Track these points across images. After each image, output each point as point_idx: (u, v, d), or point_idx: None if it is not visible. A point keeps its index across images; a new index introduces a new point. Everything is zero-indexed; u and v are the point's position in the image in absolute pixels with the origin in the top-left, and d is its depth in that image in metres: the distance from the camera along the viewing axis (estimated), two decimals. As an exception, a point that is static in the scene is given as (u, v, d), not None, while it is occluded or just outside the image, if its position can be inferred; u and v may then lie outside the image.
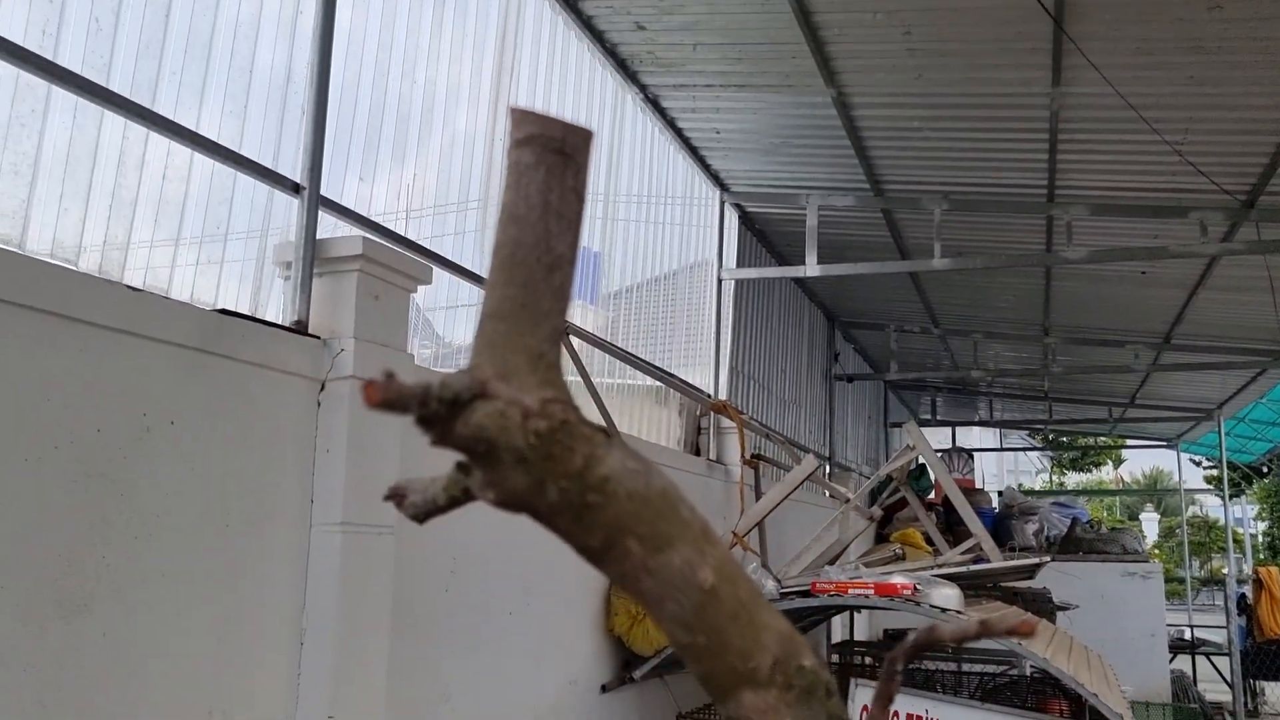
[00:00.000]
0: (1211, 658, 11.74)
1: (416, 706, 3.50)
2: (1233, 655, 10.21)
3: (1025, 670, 7.02)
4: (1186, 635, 12.28)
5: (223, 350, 2.75)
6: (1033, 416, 16.19)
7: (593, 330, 5.57)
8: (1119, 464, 31.79)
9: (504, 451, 0.63)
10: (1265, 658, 10.46)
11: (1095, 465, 28.95)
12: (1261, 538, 25.76)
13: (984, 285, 9.17)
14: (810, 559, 6.44)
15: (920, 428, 7.47)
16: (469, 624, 3.84)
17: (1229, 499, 16.48)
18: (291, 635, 2.95)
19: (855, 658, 7.86)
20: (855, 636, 8.60)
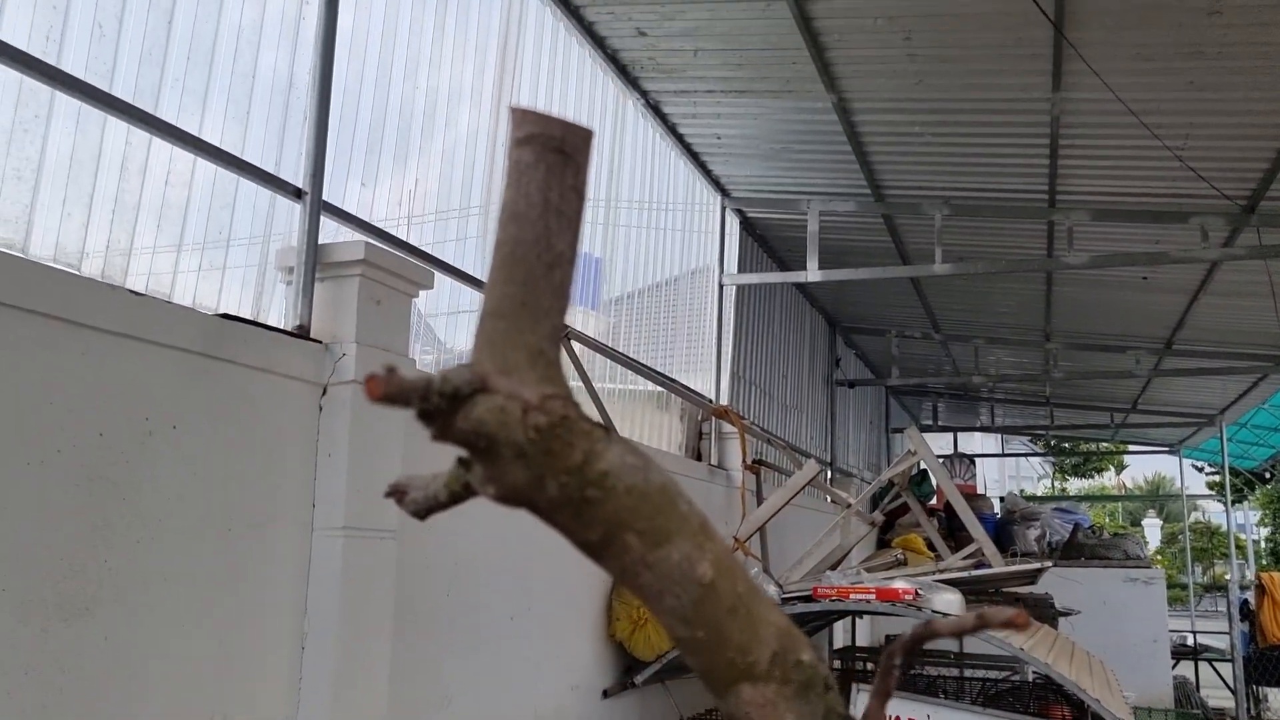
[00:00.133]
0: (1214, 663, 11.72)
1: (418, 710, 3.50)
2: (1235, 661, 10.20)
3: (1028, 676, 7.00)
4: (1189, 641, 12.25)
5: (225, 355, 2.76)
6: (1034, 422, 16.18)
7: (594, 336, 5.57)
8: (1121, 470, 31.74)
9: (504, 446, 0.64)
10: (1268, 663, 10.43)
11: (1097, 471, 28.90)
12: (1264, 543, 25.69)
13: (985, 290, 9.18)
14: (812, 564, 6.44)
15: (922, 433, 7.47)
16: (470, 628, 3.84)
17: (1231, 505, 16.45)
18: (293, 639, 2.96)
19: (857, 663, 7.85)
20: (857, 642, 8.58)
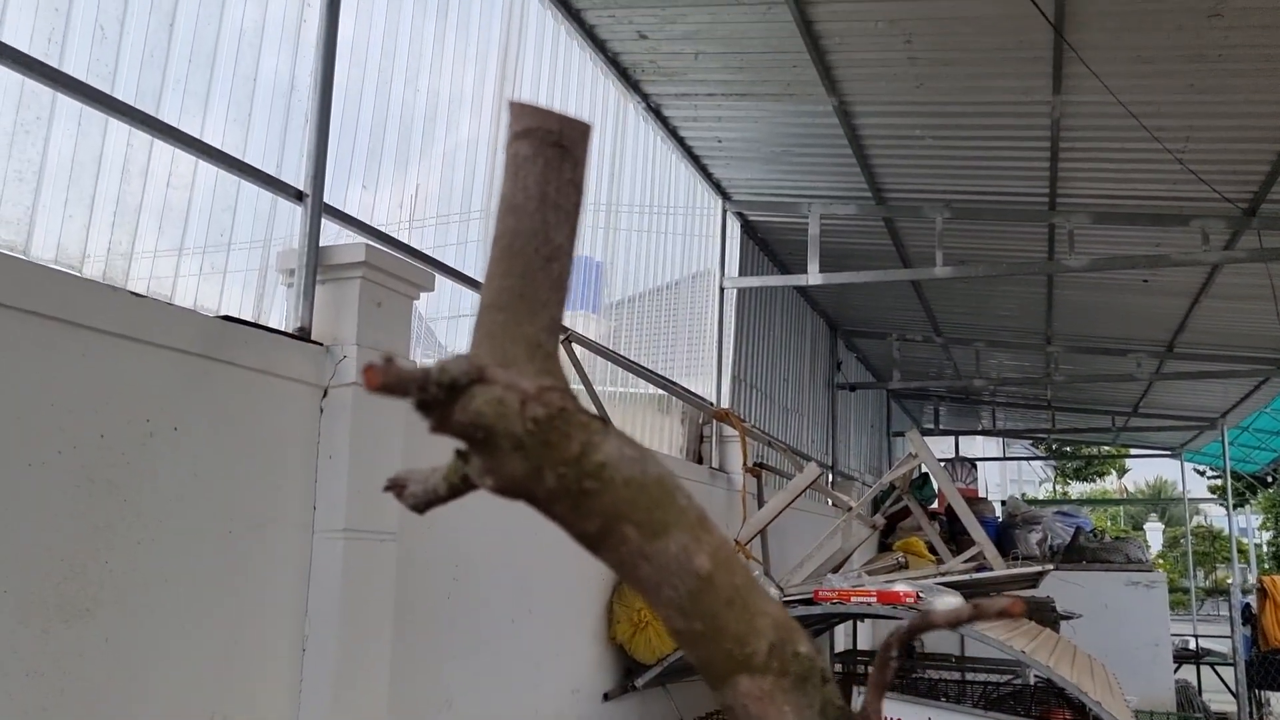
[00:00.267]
0: (1216, 668, 11.71)
1: (418, 712, 3.50)
2: (1237, 665, 10.18)
3: (1029, 679, 7.00)
4: (1191, 645, 12.24)
5: (226, 356, 2.76)
6: (1035, 425, 16.17)
7: (595, 339, 5.57)
8: (1123, 474, 31.71)
9: (502, 438, 0.64)
10: (1270, 668, 10.40)
11: (1099, 475, 28.87)
12: (1266, 547, 25.66)
13: (986, 294, 9.17)
14: (813, 567, 6.44)
15: (923, 436, 7.47)
16: (471, 630, 3.84)
17: (1233, 509, 16.43)
18: (294, 641, 2.96)
19: (858, 667, 7.84)
20: (858, 646, 8.57)
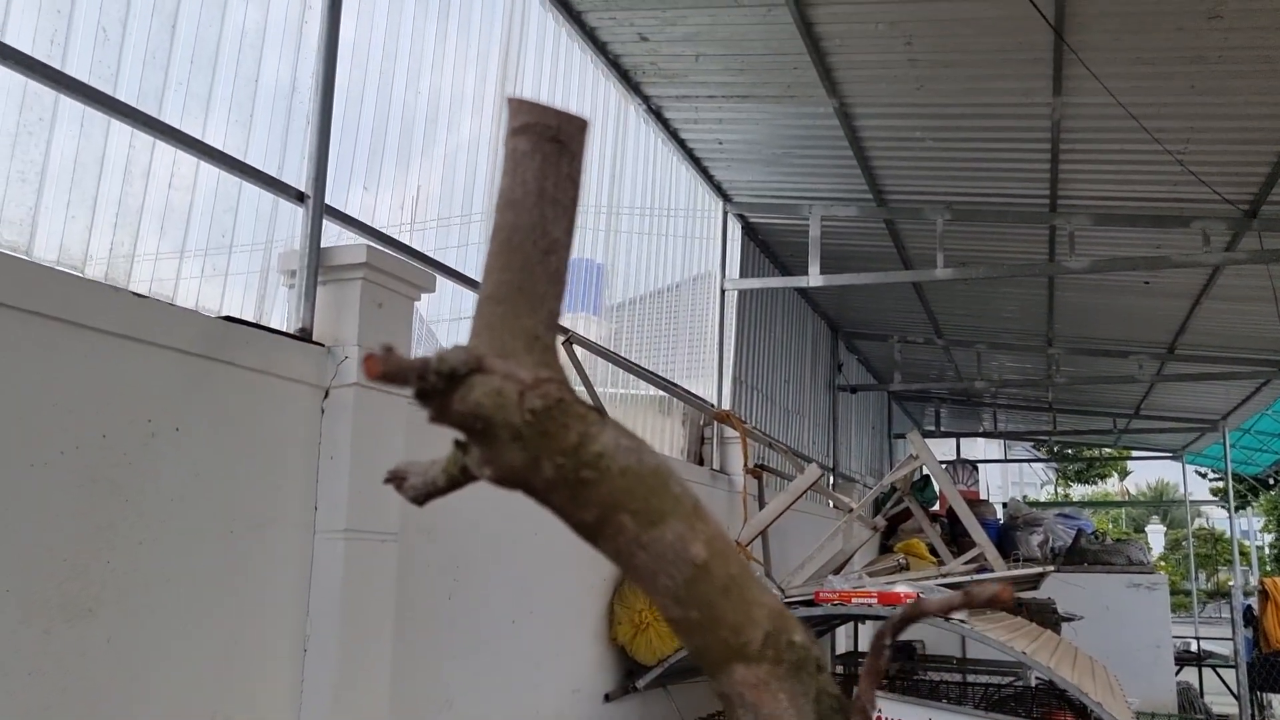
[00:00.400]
0: (1218, 670, 11.70)
1: (419, 712, 3.50)
2: (1239, 667, 10.17)
3: (1030, 681, 7.00)
4: (1193, 647, 12.23)
5: (227, 357, 2.77)
6: (1037, 427, 16.16)
7: (597, 341, 5.58)
8: (1124, 476, 31.68)
9: (500, 428, 0.64)
10: (1271, 669, 10.39)
11: (1100, 477, 28.85)
12: (1268, 550, 25.65)
13: (987, 295, 9.18)
14: (814, 569, 6.44)
15: (924, 438, 7.47)
16: (471, 631, 3.84)
17: (1235, 511, 16.41)
18: (295, 641, 2.96)
19: (859, 668, 7.83)
20: (859, 648, 8.57)
